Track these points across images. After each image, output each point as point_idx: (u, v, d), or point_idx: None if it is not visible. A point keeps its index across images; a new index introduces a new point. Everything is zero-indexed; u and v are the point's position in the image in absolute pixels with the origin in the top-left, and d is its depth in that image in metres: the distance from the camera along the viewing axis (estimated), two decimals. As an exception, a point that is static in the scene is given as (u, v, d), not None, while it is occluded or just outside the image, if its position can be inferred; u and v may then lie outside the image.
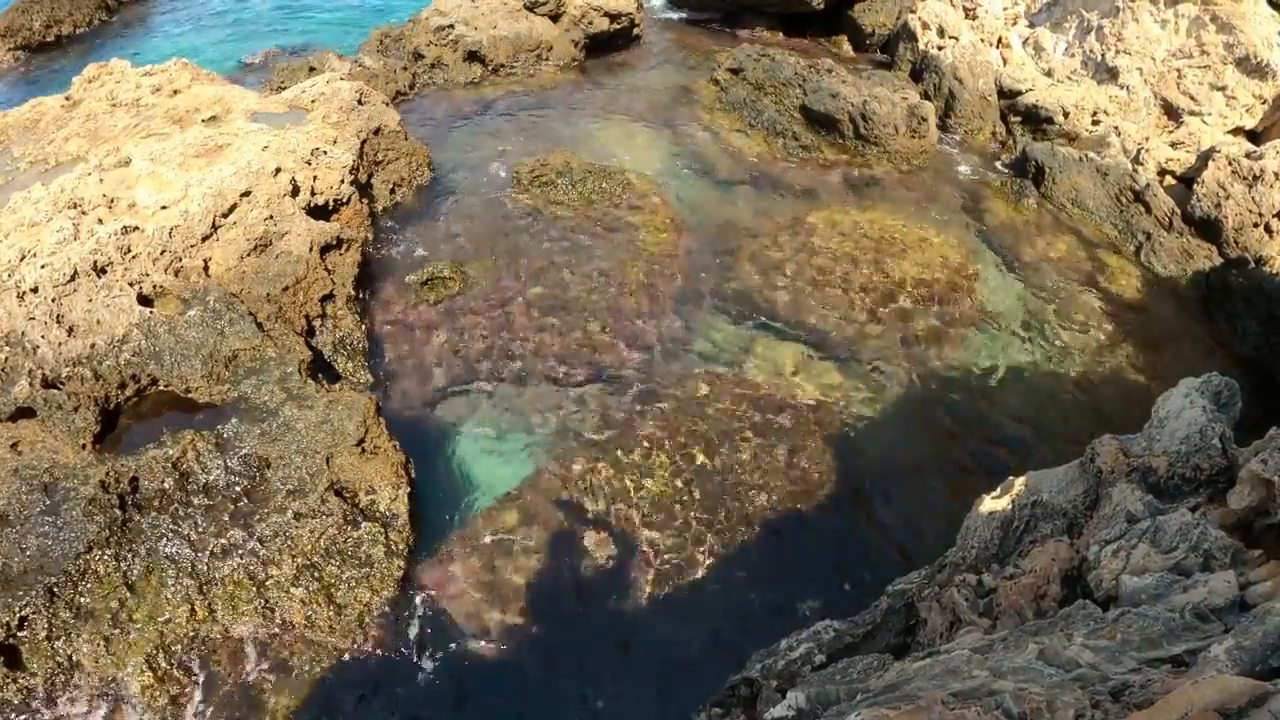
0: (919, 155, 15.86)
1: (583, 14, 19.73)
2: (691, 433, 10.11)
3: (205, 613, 7.78)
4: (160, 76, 14.11)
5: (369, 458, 8.83)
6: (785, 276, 12.73)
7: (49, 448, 8.33)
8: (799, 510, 9.38)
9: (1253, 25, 14.90)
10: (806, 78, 17.05)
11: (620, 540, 8.97)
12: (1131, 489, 5.29)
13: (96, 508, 7.78)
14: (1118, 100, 16.41)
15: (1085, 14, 17.11)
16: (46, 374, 8.85)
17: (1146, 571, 4.48)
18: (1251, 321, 12.31)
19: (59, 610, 7.39)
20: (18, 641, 7.25)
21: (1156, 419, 5.82)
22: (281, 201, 11.28)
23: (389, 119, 14.27)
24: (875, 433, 10.43)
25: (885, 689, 3.98)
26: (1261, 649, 3.24)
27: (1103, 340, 12.20)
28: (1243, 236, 13.52)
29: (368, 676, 7.73)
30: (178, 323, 9.55)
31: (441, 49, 18.58)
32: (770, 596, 8.58)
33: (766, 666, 6.01)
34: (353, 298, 11.36)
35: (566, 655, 8.01)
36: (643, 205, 13.97)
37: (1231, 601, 3.96)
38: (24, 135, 13.04)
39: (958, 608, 5.37)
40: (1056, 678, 3.52)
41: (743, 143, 16.29)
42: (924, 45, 18.61)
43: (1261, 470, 4.69)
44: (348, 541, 8.23)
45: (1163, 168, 15.05)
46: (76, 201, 10.46)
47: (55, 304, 9.19)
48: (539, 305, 11.83)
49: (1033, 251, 13.86)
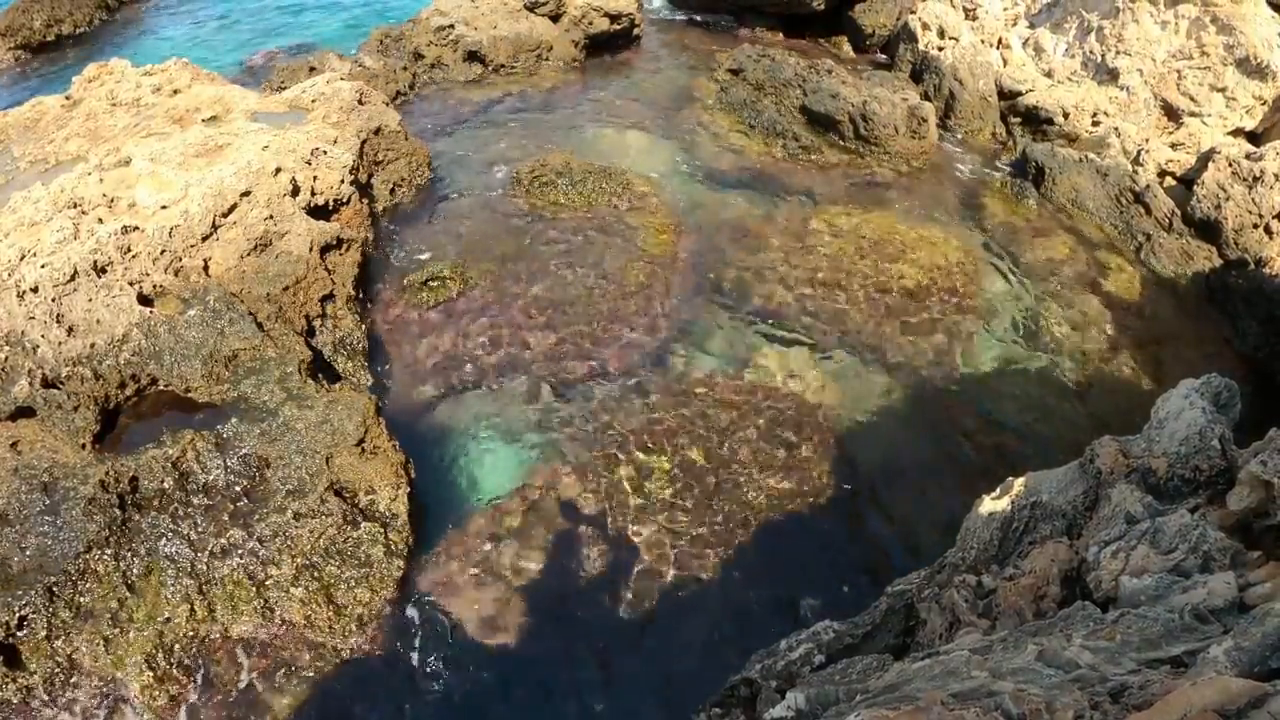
0: (919, 156, 15.86)
1: (583, 14, 19.74)
2: (691, 433, 10.11)
3: (205, 613, 7.78)
4: (160, 76, 14.11)
5: (369, 458, 8.83)
6: (785, 277, 12.73)
7: (49, 447, 8.33)
8: (798, 510, 9.38)
9: (1253, 26, 14.91)
10: (806, 78, 17.06)
11: (619, 540, 8.98)
12: (1131, 490, 5.29)
13: (96, 507, 7.78)
14: (1118, 101, 16.42)
15: (1085, 15, 17.11)
16: (46, 373, 8.85)
17: (1146, 572, 4.48)
18: (1251, 322, 12.32)
19: (58, 610, 7.39)
20: (17, 641, 7.26)
21: (1156, 420, 5.82)
22: (282, 201, 11.28)
23: (389, 119, 14.27)
24: (874, 433, 10.43)
25: (885, 690, 3.98)
26: (1261, 650, 3.24)
27: (1102, 341, 12.20)
28: (1242, 238, 13.52)
29: (367, 676, 7.74)
30: (178, 322, 9.55)
31: (442, 49, 18.59)
32: (769, 597, 8.58)
33: (766, 667, 6.01)
34: (353, 298, 11.37)
35: (565, 655, 8.01)
36: (643, 206, 13.97)
37: (1231, 603, 3.96)
38: (24, 135, 13.04)
39: (957, 608, 5.37)
40: (1056, 679, 3.52)
41: (743, 143, 16.29)
42: (924, 46, 18.62)
43: (1261, 472, 4.69)
44: (347, 541, 8.23)
45: (1163, 169, 15.05)
46: (76, 201, 10.46)
47: (55, 303, 9.19)
48: (539, 305, 11.84)
49: (1032, 252, 13.85)
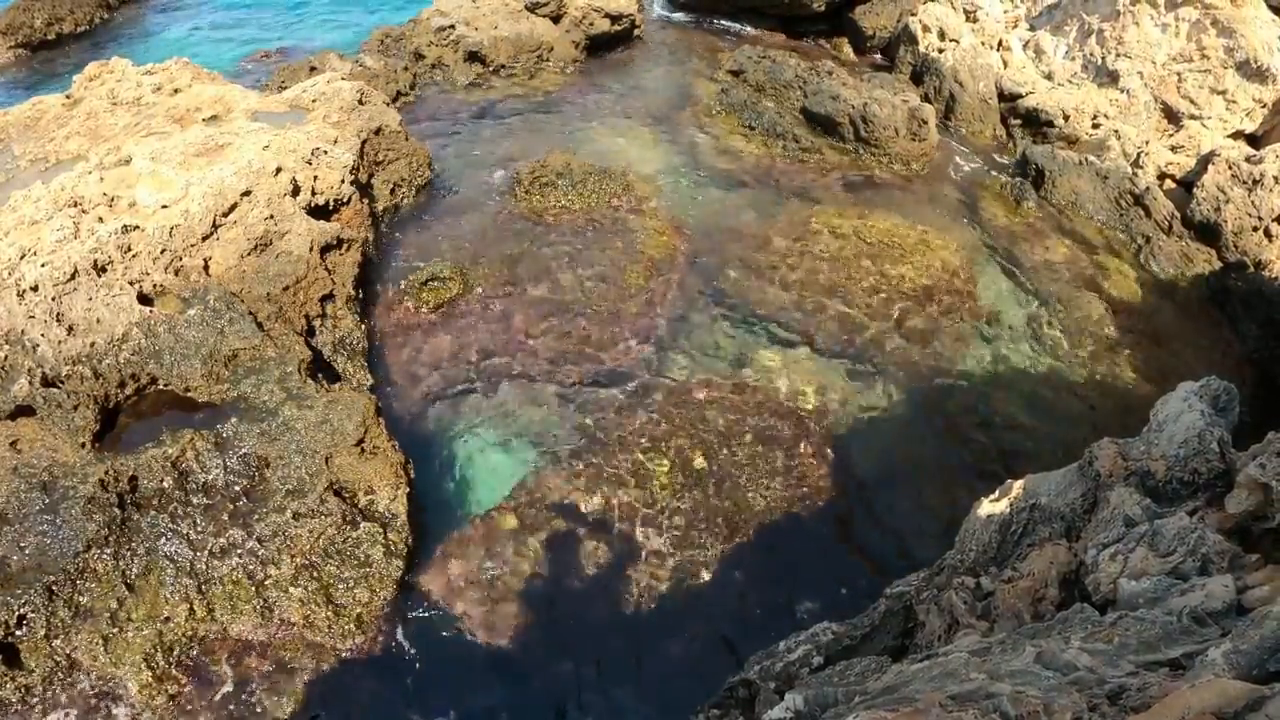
0: (919, 158, 15.86)
1: (584, 15, 19.75)
2: (690, 435, 10.12)
3: (204, 612, 7.78)
4: (161, 75, 14.11)
5: (368, 458, 8.83)
6: (785, 279, 12.74)
7: (48, 446, 8.33)
8: (797, 512, 9.39)
9: (1253, 29, 14.93)
10: (807, 80, 17.07)
11: (618, 542, 8.98)
12: (1130, 493, 5.30)
13: (95, 506, 7.78)
14: (1118, 103, 16.44)
15: (1086, 17, 17.13)
16: (46, 372, 8.85)
17: (1144, 575, 4.49)
18: (1250, 325, 12.33)
19: (58, 609, 7.39)
20: (16, 640, 7.26)
21: (1155, 423, 5.83)
22: (282, 201, 11.28)
23: (390, 119, 14.27)
24: (874, 435, 10.44)
25: (883, 691, 3.99)
26: (1258, 653, 3.25)
27: (1102, 344, 12.21)
28: (1242, 240, 13.54)
29: (366, 677, 7.73)
30: (178, 322, 9.55)
31: (442, 49, 18.60)
32: (768, 598, 8.59)
33: (764, 668, 6.02)
34: (353, 298, 11.37)
35: (564, 656, 8.01)
36: (642, 207, 13.98)
37: (1229, 605, 3.97)
38: (25, 133, 13.03)
39: (956, 610, 5.38)
40: (1054, 680, 3.53)
41: (743, 145, 16.30)
42: (925, 48, 18.64)
43: (1259, 475, 4.70)
44: (346, 542, 8.23)
45: (1162, 171, 15.07)
46: (77, 200, 10.46)
47: (55, 302, 9.19)
48: (538, 306, 11.84)
49: (1032, 255, 13.87)
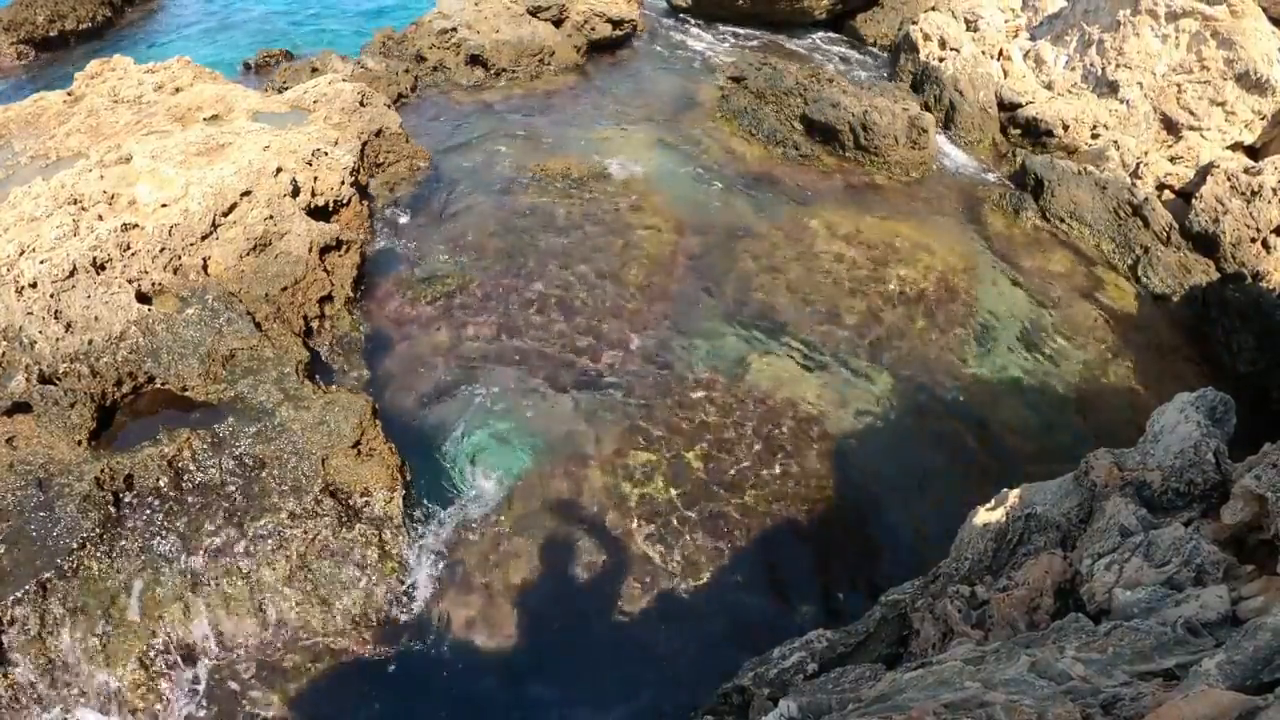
0: (919, 166, 15.91)
1: (585, 19, 19.81)
2: (689, 437, 10.12)
3: (198, 612, 7.75)
4: (162, 74, 14.12)
5: (365, 459, 8.82)
6: (784, 284, 12.76)
7: (44, 443, 8.32)
8: (794, 518, 9.39)
9: (1253, 41, 14.99)
10: (808, 87, 17.11)
11: (615, 545, 8.97)
12: (1125, 503, 5.31)
13: (91, 504, 7.77)
14: (1117, 114, 16.49)
15: (1086, 28, 17.20)
16: (43, 369, 8.83)
17: (1139, 585, 4.50)
18: (1248, 336, 12.35)
19: (51, 607, 7.37)
20: (8, 638, 7.23)
21: (1151, 433, 5.84)
22: (282, 201, 11.28)
23: (390, 121, 14.29)
24: (871, 442, 10.44)
25: (877, 699, 3.99)
26: (1252, 664, 3.25)
27: (1099, 353, 12.23)
28: (1240, 252, 13.57)
29: (361, 678, 7.71)
30: (176, 321, 9.54)
31: (444, 52, 18.64)
32: (763, 603, 8.58)
33: (758, 675, 6.01)
34: (351, 299, 11.37)
35: (559, 659, 8.00)
36: (642, 211, 14.00)
37: (1223, 616, 3.98)
38: (25, 130, 13.04)
39: (950, 619, 5.38)
40: (1048, 690, 3.53)
41: (743, 150, 16.34)
42: (925, 56, 18.69)
43: (1254, 486, 4.71)
44: (342, 543, 8.22)
45: (1161, 182, 15.12)
46: (77, 197, 10.45)
47: (53, 300, 9.18)
48: (538, 309, 11.84)
49: (1031, 264, 13.90)
